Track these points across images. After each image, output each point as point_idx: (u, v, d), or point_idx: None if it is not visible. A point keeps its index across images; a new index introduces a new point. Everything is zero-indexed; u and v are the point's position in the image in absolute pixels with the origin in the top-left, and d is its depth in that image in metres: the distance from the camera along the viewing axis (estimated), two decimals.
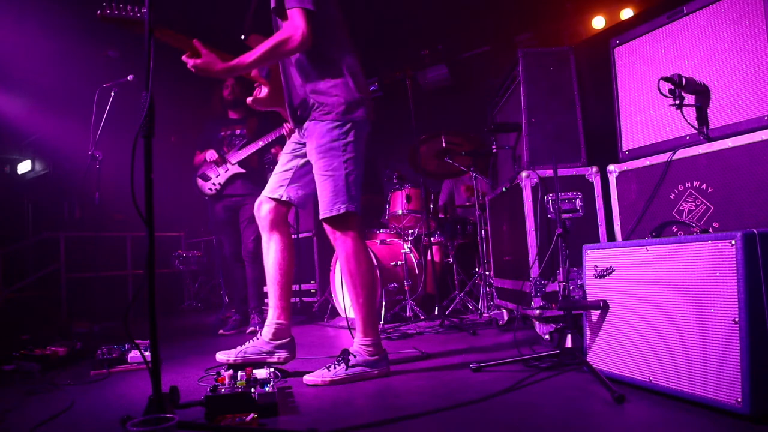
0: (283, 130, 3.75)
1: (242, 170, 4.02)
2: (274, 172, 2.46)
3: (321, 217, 2.23)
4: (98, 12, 1.89)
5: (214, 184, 4.07)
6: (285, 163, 2.44)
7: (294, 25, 2.08)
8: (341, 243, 2.25)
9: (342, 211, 2.19)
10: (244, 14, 2.32)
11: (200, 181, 4.14)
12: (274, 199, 2.39)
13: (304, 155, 2.36)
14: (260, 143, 3.94)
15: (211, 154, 4.04)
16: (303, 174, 2.39)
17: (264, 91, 2.46)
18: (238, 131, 4.12)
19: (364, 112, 2.26)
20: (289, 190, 2.39)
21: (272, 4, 2.12)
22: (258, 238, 3.99)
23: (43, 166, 8.52)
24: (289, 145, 2.46)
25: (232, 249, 4.15)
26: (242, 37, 2.27)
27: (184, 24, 2.22)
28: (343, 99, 2.20)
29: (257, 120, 4.12)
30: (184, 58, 2.16)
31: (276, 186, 2.41)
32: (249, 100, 2.46)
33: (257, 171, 4.11)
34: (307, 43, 2.10)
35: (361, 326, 2.25)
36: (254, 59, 2.12)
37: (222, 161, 4.03)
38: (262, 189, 2.48)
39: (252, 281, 4.04)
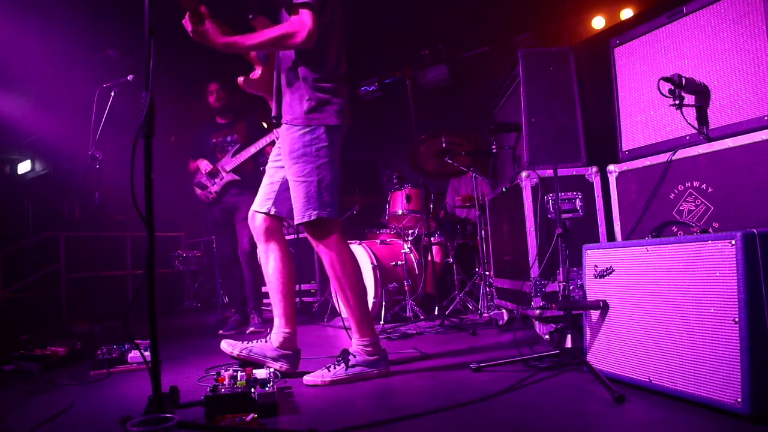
0: (273, 135, 3.76)
1: (237, 177, 4.03)
2: (263, 183, 2.45)
3: (295, 223, 2.24)
4: None
5: (210, 192, 4.10)
6: (272, 174, 2.43)
7: (302, 22, 2.08)
8: (323, 248, 2.25)
9: (313, 218, 2.19)
10: None
11: (197, 190, 4.16)
12: (264, 213, 2.40)
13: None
14: (252, 150, 3.94)
15: (205, 166, 4.06)
16: (287, 187, 2.37)
17: (257, 73, 2.46)
18: (229, 137, 4.13)
19: (338, 116, 2.24)
20: (276, 204, 2.39)
21: None
22: (253, 238, 4.00)
23: (43, 166, 8.51)
24: (275, 150, 2.46)
25: (230, 250, 4.16)
26: (249, 16, 2.27)
27: None
28: (314, 104, 2.20)
29: (246, 123, 4.13)
30: (185, 21, 2.14)
31: (264, 199, 2.41)
32: (240, 80, 2.45)
33: (252, 175, 4.11)
34: (311, 42, 2.11)
35: (357, 327, 2.26)
36: (255, 43, 2.13)
37: (216, 172, 4.05)
38: (256, 189, 2.48)
39: (250, 282, 4.03)
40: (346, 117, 2.28)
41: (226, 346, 2.33)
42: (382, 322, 3.93)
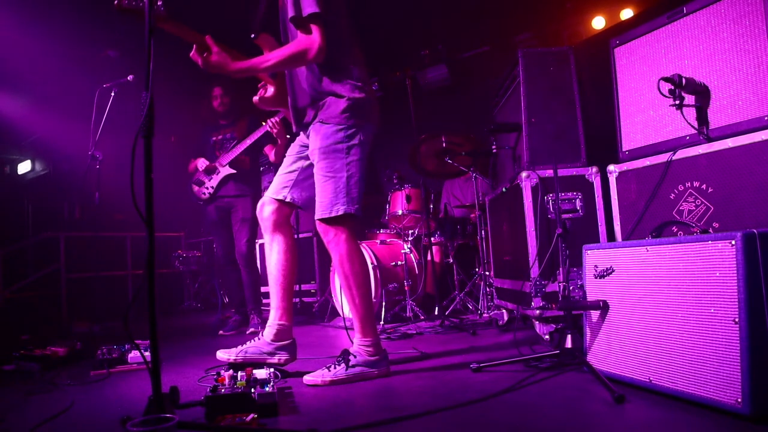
0: (267, 127, 3.73)
1: (233, 171, 4.01)
2: (278, 173, 2.46)
3: (318, 217, 2.23)
4: (114, 2, 1.86)
5: (207, 188, 4.08)
6: (289, 164, 2.44)
7: (311, 39, 2.10)
8: (335, 245, 2.25)
9: (340, 213, 2.19)
10: (252, 11, 2.33)
11: (195, 187, 4.16)
12: (277, 200, 2.40)
13: (309, 157, 2.36)
14: (247, 142, 3.94)
15: (202, 163, 4.07)
16: (307, 176, 2.38)
17: (270, 90, 2.47)
18: (228, 134, 4.14)
19: (370, 116, 2.27)
20: (293, 192, 2.40)
21: (290, 13, 2.12)
22: (250, 240, 3.99)
23: (43, 166, 8.52)
24: (294, 147, 2.47)
25: (224, 251, 4.15)
26: (252, 36, 2.27)
27: (191, 17, 2.19)
28: (349, 103, 2.21)
29: (247, 122, 4.13)
30: (192, 55, 2.15)
31: (280, 187, 2.41)
32: (255, 99, 2.46)
33: (249, 172, 4.11)
34: (322, 56, 2.12)
35: (359, 327, 2.25)
36: (270, 65, 2.15)
37: (213, 169, 4.05)
38: (254, 190, 2.49)
39: (248, 284, 4.02)
40: (377, 117, 2.31)
41: (222, 354, 2.32)
42: (382, 322, 3.93)
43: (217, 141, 4.15)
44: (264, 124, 3.81)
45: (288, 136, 3.61)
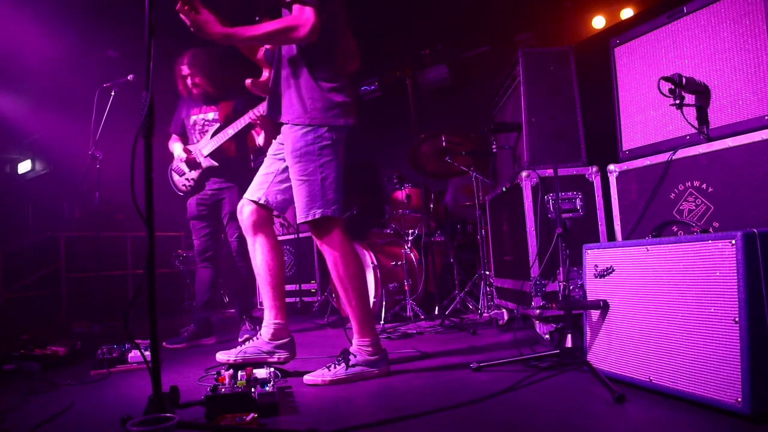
0: (251, 116, 3.40)
1: (215, 164, 3.62)
2: (258, 173, 2.45)
3: (298, 222, 2.24)
4: None
5: (188, 179, 3.72)
6: (268, 165, 2.43)
7: (305, 17, 2.07)
8: (327, 247, 2.25)
9: (317, 216, 2.19)
10: None
11: (175, 177, 3.81)
12: (253, 202, 2.39)
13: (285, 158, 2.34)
14: (230, 131, 3.56)
15: (180, 156, 3.73)
16: (283, 179, 2.37)
17: (265, 75, 2.45)
18: (210, 115, 3.72)
19: (342, 115, 2.24)
20: (268, 194, 2.38)
21: None
22: (241, 236, 3.62)
23: (43, 166, 8.51)
24: (274, 146, 2.45)
25: (202, 246, 3.74)
26: (257, 18, 2.25)
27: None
28: (317, 104, 2.20)
29: (233, 103, 3.70)
30: (178, 7, 2.06)
31: (256, 189, 2.40)
32: (248, 82, 2.42)
33: (235, 159, 3.70)
34: (313, 37, 2.10)
35: (357, 327, 2.25)
36: (255, 35, 2.10)
37: (194, 165, 3.68)
38: (242, 179, 2.45)
39: (243, 279, 3.78)
40: (350, 116, 2.27)
41: (222, 356, 2.32)
42: (382, 322, 3.93)
43: (197, 121, 3.74)
44: (248, 112, 3.43)
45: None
